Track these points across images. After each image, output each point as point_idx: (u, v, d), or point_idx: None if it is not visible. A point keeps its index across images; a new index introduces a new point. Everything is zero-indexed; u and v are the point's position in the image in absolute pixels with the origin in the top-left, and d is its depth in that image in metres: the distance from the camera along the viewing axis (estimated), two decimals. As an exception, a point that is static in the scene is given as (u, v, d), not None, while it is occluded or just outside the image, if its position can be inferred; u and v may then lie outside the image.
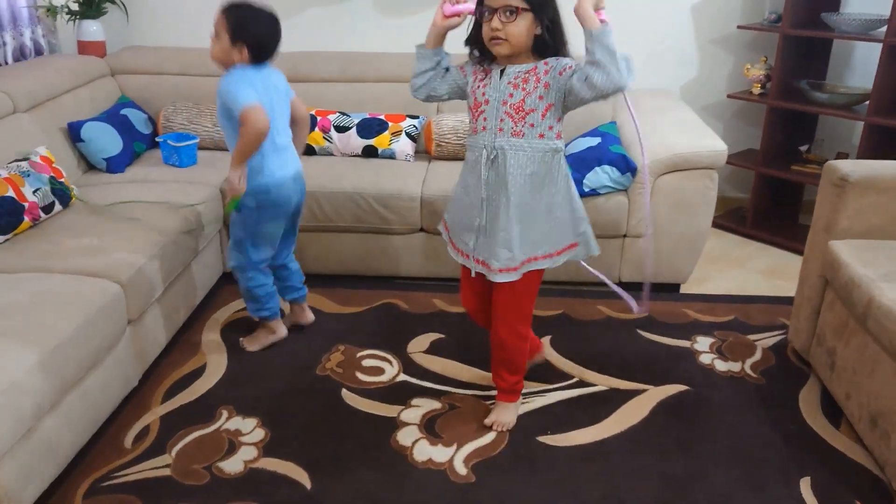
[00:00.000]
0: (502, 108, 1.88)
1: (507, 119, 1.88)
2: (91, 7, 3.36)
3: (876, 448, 1.96)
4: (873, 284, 1.98)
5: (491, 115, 1.89)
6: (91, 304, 1.97)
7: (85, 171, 2.95)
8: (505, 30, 1.79)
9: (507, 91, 1.87)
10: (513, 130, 1.88)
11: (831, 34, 3.17)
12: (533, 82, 1.85)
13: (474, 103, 1.93)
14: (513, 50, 1.83)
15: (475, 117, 1.94)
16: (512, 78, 1.87)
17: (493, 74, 1.90)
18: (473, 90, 1.94)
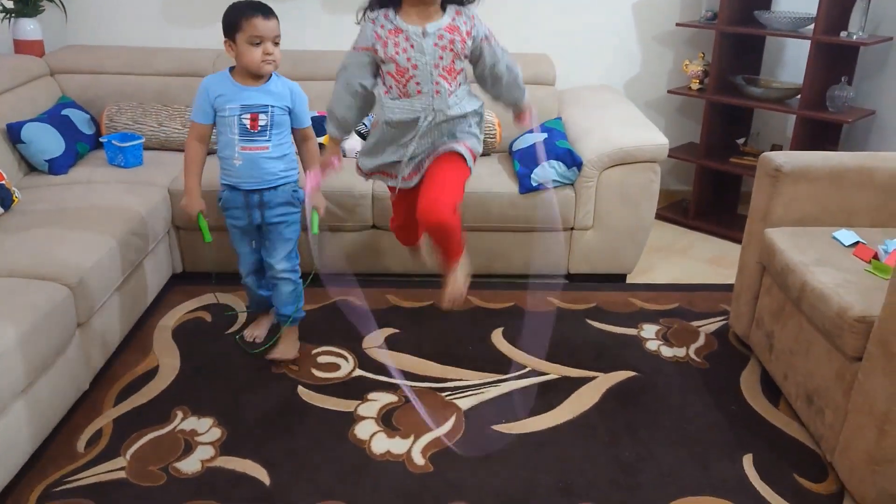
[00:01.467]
0: (435, 70, 1.89)
1: (441, 81, 1.90)
2: (27, 5, 3.27)
3: (812, 424, 2.07)
4: (806, 269, 2.09)
5: (424, 79, 1.89)
6: (38, 308, 1.94)
7: (26, 172, 2.88)
8: None
9: (437, 53, 1.87)
10: (448, 91, 1.93)
11: (764, 31, 3.30)
12: (459, 43, 1.89)
13: (397, 69, 1.90)
14: None
15: (402, 83, 1.92)
16: (436, 39, 1.87)
17: (412, 35, 1.87)
18: (392, 56, 1.89)
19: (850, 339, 1.84)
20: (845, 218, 2.37)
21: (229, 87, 2.20)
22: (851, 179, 2.34)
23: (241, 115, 2.19)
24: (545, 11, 3.53)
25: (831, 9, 3.09)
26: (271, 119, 2.20)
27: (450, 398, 2.25)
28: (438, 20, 1.89)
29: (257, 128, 2.19)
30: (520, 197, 2.81)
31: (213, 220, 2.81)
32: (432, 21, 1.88)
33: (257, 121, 2.19)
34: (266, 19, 2.12)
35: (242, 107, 2.19)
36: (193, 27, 3.50)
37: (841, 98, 3.16)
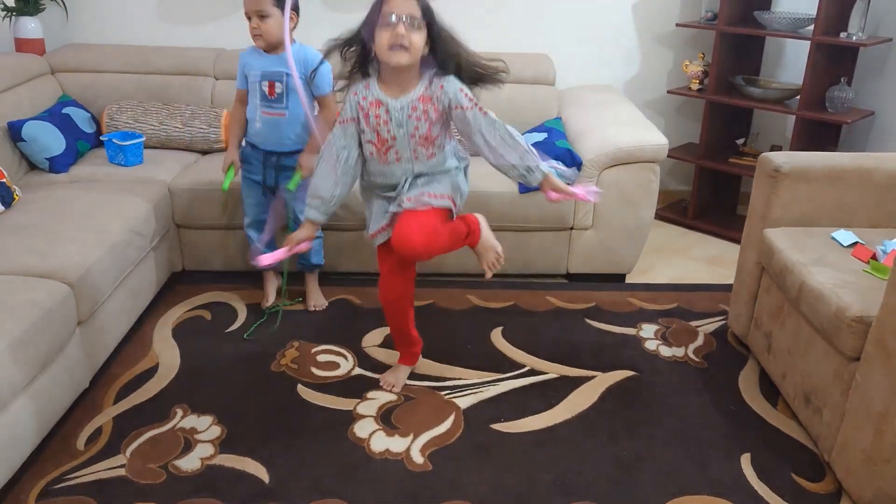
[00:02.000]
0: (412, 141, 1.96)
1: (420, 149, 1.98)
2: (28, 4, 3.27)
3: (809, 424, 2.07)
4: (805, 269, 2.09)
5: (403, 148, 1.97)
6: (39, 306, 1.95)
7: (27, 171, 2.89)
8: (409, 37, 1.82)
9: (412, 125, 1.93)
10: (427, 154, 1.99)
11: (764, 31, 3.31)
12: (432, 111, 1.94)
13: (378, 139, 1.97)
14: (412, 60, 1.87)
15: (382, 151, 1.98)
16: (410, 111, 1.92)
17: (391, 108, 1.92)
18: (374, 127, 1.95)
19: (848, 338, 1.85)
20: (844, 218, 2.38)
21: (254, 57, 2.44)
22: (850, 180, 2.35)
23: (261, 82, 2.40)
24: (545, 11, 3.53)
25: (831, 10, 3.09)
26: (286, 86, 2.38)
27: (449, 397, 2.26)
28: (413, 91, 1.92)
29: (274, 94, 2.40)
30: (519, 196, 2.82)
31: (213, 221, 2.83)
32: (407, 92, 1.92)
33: (274, 88, 2.38)
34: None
35: (262, 73, 2.40)
36: (194, 26, 3.51)
37: (840, 99, 3.17)
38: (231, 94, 2.87)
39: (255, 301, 2.77)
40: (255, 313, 2.69)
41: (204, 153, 3.17)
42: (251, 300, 2.78)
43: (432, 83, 1.94)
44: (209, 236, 2.88)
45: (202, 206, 2.81)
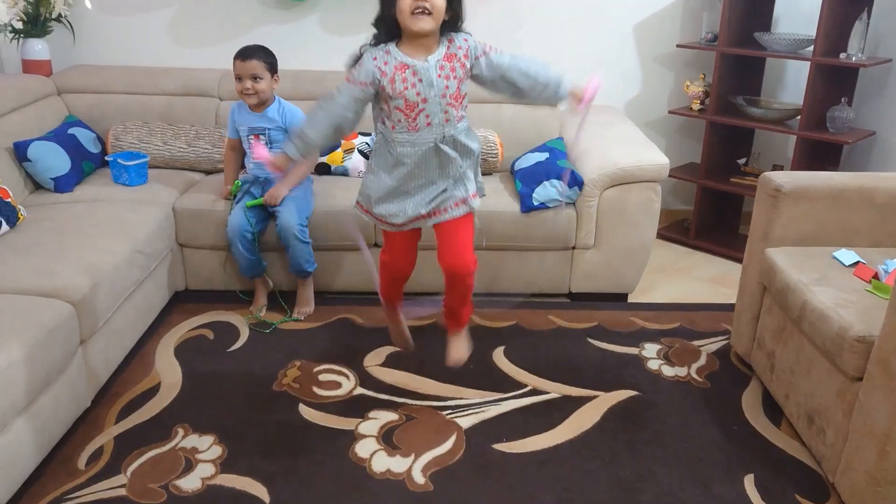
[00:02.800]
0: (443, 101, 1.92)
1: (450, 109, 1.94)
2: (36, 26, 3.32)
3: (813, 444, 2.06)
4: (807, 289, 2.09)
5: (434, 111, 1.93)
6: (42, 325, 1.95)
7: (32, 190, 2.91)
8: (431, 1, 1.82)
9: (443, 84, 1.91)
10: (457, 117, 1.97)
11: (764, 53, 3.33)
12: (459, 67, 1.93)
13: (406, 105, 1.92)
14: (435, 24, 1.87)
15: (412, 116, 1.93)
16: (438, 70, 1.90)
17: (419, 70, 1.90)
18: (401, 92, 1.91)
19: (851, 358, 1.84)
20: (845, 238, 2.38)
21: (243, 114, 2.78)
22: (851, 199, 2.35)
23: (248, 136, 2.77)
24: (547, 32, 3.57)
25: (830, 31, 3.12)
26: (269, 138, 2.76)
27: (450, 417, 2.25)
28: (437, 51, 1.93)
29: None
30: (522, 216, 2.83)
31: (216, 240, 2.85)
32: (432, 53, 1.92)
33: (259, 139, 2.76)
34: (243, 61, 2.65)
35: (249, 129, 2.77)
36: (198, 48, 3.54)
37: (841, 119, 3.19)
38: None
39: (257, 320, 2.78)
40: (258, 333, 2.70)
41: (208, 173, 3.19)
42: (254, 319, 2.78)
43: (452, 42, 1.95)
44: (212, 256, 2.89)
45: (205, 225, 2.83)
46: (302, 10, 3.48)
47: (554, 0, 3.51)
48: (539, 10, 3.52)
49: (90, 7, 3.47)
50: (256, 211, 2.74)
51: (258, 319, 2.77)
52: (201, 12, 3.49)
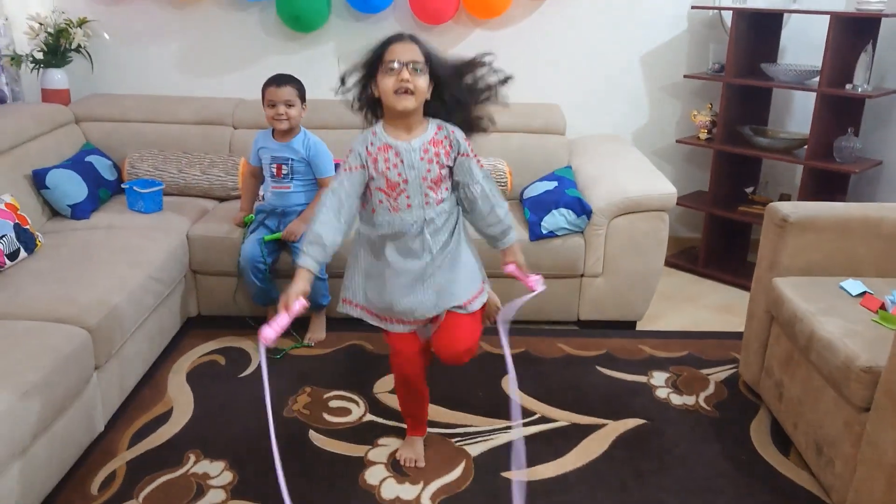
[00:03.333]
0: (423, 184, 1.92)
1: (430, 192, 1.94)
2: (56, 56, 3.40)
3: (822, 474, 2.06)
4: (814, 318, 2.10)
5: (414, 192, 1.92)
6: (59, 351, 1.99)
7: (49, 217, 2.96)
8: (413, 81, 1.84)
9: (424, 167, 1.91)
10: (437, 200, 1.95)
11: (770, 83, 3.37)
12: (443, 154, 1.93)
13: (387, 184, 1.91)
14: (417, 104, 1.87)
15: (393, 197, 1.93)
16: (422, 153, 1.91)
17: (401, 150, 1.90)
18: (383, 171, 1.90)
19: (857, 389, 1.85)
20: (852, 267, 2.39)
21: (268, 142, 2.80)
22: (858, 229, 2.37)
23: (271, 164, 2.79)
24: (556, 62, 3.62)
25: (836, 62, 3.15)
26: (291, 168, 2.78)
27: (459, 444, 2.26)
28: (423, 134, 1.93)
29: (281, 174, 2.78)
30: (530, 244, 2.86)
31: (229, 267, 2.88)
32: (417, 136, 1.94)
33: (281, 169, 2.78)
34: (277, 87, 2.70)
35: (272, 157, 2.79)
36: (213, 77, 3.62)
37: (848, 149, 3.21)
38: (248, 141, 2.96)
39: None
40: (268, 359, 2.72)
41: (221, 200, 3.24)
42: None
43: (442, 128, 1.96)
44: (224, 282, 2.92)
45: (219, 252, 2.87)
46: (313, 41, 3.55)
47: (564, 30, 3.57)
48: (549, 40, 3.58)
49: (108, 38, 3.55)
50: (271, 243, 2.78)
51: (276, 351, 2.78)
52: (215, 43, 3.57)
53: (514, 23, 3.55)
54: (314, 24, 3.43)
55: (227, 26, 3.54)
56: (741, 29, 3.34)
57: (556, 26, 3.56)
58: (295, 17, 3.36)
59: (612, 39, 3.60)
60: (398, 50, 1.86)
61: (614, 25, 3.57)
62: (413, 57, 1.85)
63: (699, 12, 3.58)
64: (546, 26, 3.56)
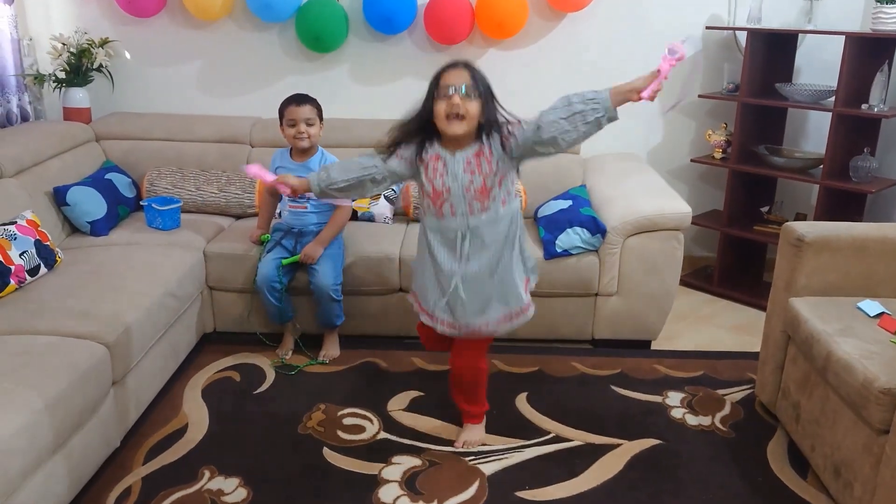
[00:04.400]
0: (467, 194, 2.04)
1: (475, 202, 2.04)
2: (78, 76, 3.46)
3: (840, 497, 2.04)
4: (831, 339, 2.09)
5: (458, 202, 2.05)
6: (77, 366, 2.01)
7: (69, 234, 3.00)
8: (464, 105, 1.95)
9: (466, 178, 2.02)
10: (481, 208, 2.05)
11: (785, 103, 3.37)
12: (486, 165, 2.02)
13: (433, 192, 2.07)
14: (468, 129, 1.98)
15: (437, 205, 2.07)
16: (464, 165, 2.01)
17: (447, 163, 2.03)
18: (430, 178, 2.06)
19: (876, 411, 1.84)
20: (869, 288, 2.38)
21: (285, 161, 2.83)
22: (874, 249, 2.36)
23: None
24: (570, 82, 3.63)
25: (851, 82, 3.15)
26: None
27: (473, 463, 2.26)
28: (468, 147, 2.04)
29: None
30: (545, 262, 2.86)
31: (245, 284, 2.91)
32: (462, 149, 2.04)
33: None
34: (298, 106, 2.73)
35: None
36: (230, 97, 3.67)
37: (864, 168, 3.20)
38: (265, 159, 2.99)
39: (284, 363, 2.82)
40: (283, 376, 2.73)
41: (238, 217, 3.28)
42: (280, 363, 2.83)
43: (486, 139, 2.04)
44: (241, 298, 2.94)
45: (235, 269, 2.90)
46: (330, 61, 3.59)
47: (577, 50, 3.59)
48: (562, 59, 3.60)
49: (129, 57, 3.61)
50: (289, 265, 2.80)
51: (283, 363, 2.81)
52: (234, 63, 3.62)
53: (527, 43, 3.58)
54: (333, 45, 3.47)
55: (246, 46, 3.59)
56: (756, 49, 3.35)
57: (569, 46, 3.58)
58: (315, 37, 3.41)
59: (627, 59, 3.61)
60: (451, 76, 1.97)
61: (628, 45, 3.59)
62: (464, 80, 1.95)
63: (714, 32, 3.60)
64: (559, 46, 3.59)
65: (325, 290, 2.72)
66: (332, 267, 2.76)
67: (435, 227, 2.11)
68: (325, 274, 2.73)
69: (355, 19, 3.48)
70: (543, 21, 3.55)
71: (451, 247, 2.10)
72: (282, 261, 2.77)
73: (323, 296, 2.74)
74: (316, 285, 2.73)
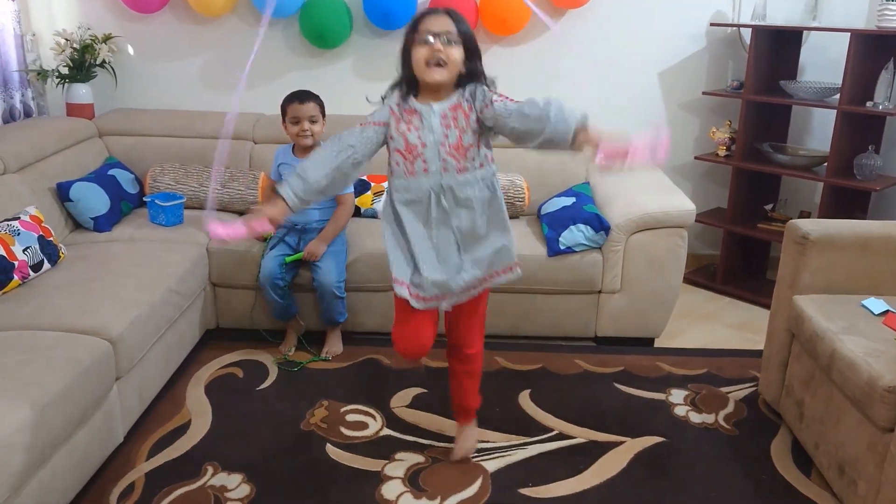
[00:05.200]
0: (441, 149, 1.90)
1: (449, 159, 1.91)
2: (81, 72, 3.45)
3: (845, 495, 2.03)
4: (835, 337, 2.09)
5: (432, 158, 1.91)
6: (80, 362, 2.01)
7: (72, 229, 3.00)
8: (446, 52, 1.84)
9: (442, 132, 1.89)
10: (457, 168, 1.92)
11: (790, 101, 3.36)
12: (462, 118, 1.90)
13: (406, 146, 1.91)
14: (450, 76, 1.87)
15: (410, 160, 1.92)
16: (440, 117, 1.90)
17: (423, 115, 1.90)
18: (403, 133, 1.91)
19: (881, 409, 1.83)
20: (874, 286, 2.37)
21: (288, 157, 2.83)
22: (879, 247, 2.35)
23: None
24: (574, 79, 3.63)
25: (856, 79, 3.14)
26: None
27: (476, 460, 2.26)
28: (446, 99, 1.92)
29: None
30: (548, 260, 2.86)
31: (248, 280, 2.90)
32: (440, 100, 1.92)
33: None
34: (301, 103, 2.73)
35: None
36: (233, 93, 3.65)
37: (868, 166, 3.19)
38: (268, 156, 2.99)
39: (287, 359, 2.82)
40: (286, 372, 2.73)
41: (241, 214, 3.27)
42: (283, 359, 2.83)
43: (465, 91, 1.93)
44: (244, 295, 2.94)
45: (238, 266, 2.89)
46: (333, 57, 3.58)
47: (581, 46, 3.58)
48: (567, 56, 3.59)
49: (132, 53, 3.61)
50: (292, 262, 2.80)
51: (286, 359, 2.81)
52: (237, 59, 3.61)
53: (531, 39, 3.57)
54: (336, 41, 3.46)
55: (249, 42, 3.58)
56: (760, 46, 3.34)
57: (573, 43, 3.57)
58: (318, 34, 3.40)
59: (631, 56, 3.60)
60: (431, 21, 1.86)
61: (633, 43, 3.58)
62: (446, 27, 1.85)
63: (718, 30, 3.59)
64: (564, 43, 3.58)
65: (329, 287, 2.72)
66: (335, 264, 2.76)
67: (404, 187, 1.94)
68: (328, 271, 2.73)
69: (358, 15, 3.47)
70: (547, 18, 3.53)
71: (422, 209, 1.94)
72: (285, 258, 2.77)
73: (326, 293, 2.74)
74: (319, 282, 2.74)
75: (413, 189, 1.94)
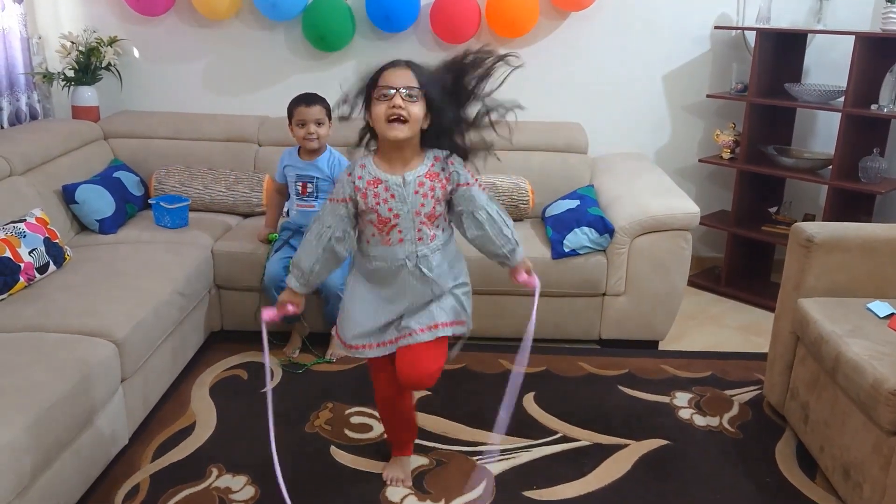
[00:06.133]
0: (416, 218, 1.85)
1: (423, 228, 1.86)
2: (86, 74, 3.47)
3: (850, 499, 2.03)
4: (840, 340, 2.08)
5: (407, 227, 1.85)
6: (86, 364, 2.02)
7: (77, 231, 3.01)
8: (407, 108, 1.74)
9: (418, 202, 1.83)
10: (430, 236, 1.88)
11: (794, 103, 3.36)
12: (438, 189, 1.84)
13: (379, 219, 1.85)
14: (411, 133, 1.78)
15: (384, 232, 1.86)
16: (416, 186, 1.82)
17: (392, 185, 1.82)
18: (373, 207, 1.83)
19: (886, 412, 1.83)
20: (879, 288, 2.37)
21: (293, 160, 2.82)
22: (884, 250, 2.35)
23: (296, 182, 2.81)
24: (578, 81, 3.64)
25: (861, 82, 3.14)
26: (316, 187, 2.79)
27: (481, 462, 2.26)
28: (418, 167, 1.84)
29: (306, 193, 2.81)
30: (552, 262, 2.86)
31: (253, 282, 2.90)
32: (411, 168, 1.84)
33: (306, 188, 2.80)
34: (307, 106, 2.72)
35: (298, 175, 2.80)
36: (238, 96, 3.67)
37: (873, 169, 3.19)
38: (272, 158, 2.99)
39: (291, 361, 2.82)
40: (291, 374, 2.74)
41: (246, 216, 3.28)
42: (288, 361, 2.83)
43: (439, 160, 1.87)
44: (248, 297, 2.95)
45: (243, 268, 2.90)
46: (337, 60, 3.59)
47: (586, 49, 3.58)
48: (572, 59, 3.60)
49: (138, 56, 3.62)
50: None
51: (291, 361, 2.81)
52: (242, 62, 3.62)
53: (536, 41, 3.58)
54: (339, 44, 3.47)
55: (253, 45, 3.60)
56: (765, 49, 3.34)
57: (578, 45, 3.58)
58: (321, 36, 3.41)
59: (635, 59, 3.61)
60: (391, 76, 1.77)
61: (637, 45, 3.59)
62: (407, 82, 1.76)
63: (722, 32, 3.59)
64: (569, 45, 3.58)
65: (333, 290, 2.72)
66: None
67: (379, 255, 1.90)
68: (333, 274, 2.72)
69: (361, 18, 3.48)
70: (548, 21, 3.55)
71: (395, 277, 1.90)
72: (290, 261, 2.75)
73: (331, 295, 2.74)
74: (324, 284, 2.74)
75: (390, 258, 1.89)
